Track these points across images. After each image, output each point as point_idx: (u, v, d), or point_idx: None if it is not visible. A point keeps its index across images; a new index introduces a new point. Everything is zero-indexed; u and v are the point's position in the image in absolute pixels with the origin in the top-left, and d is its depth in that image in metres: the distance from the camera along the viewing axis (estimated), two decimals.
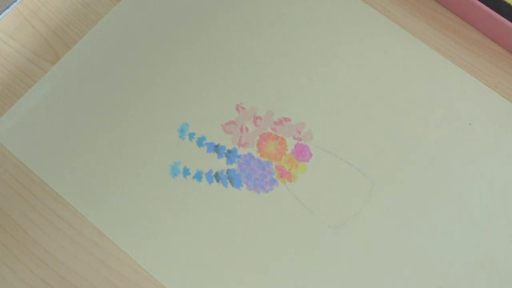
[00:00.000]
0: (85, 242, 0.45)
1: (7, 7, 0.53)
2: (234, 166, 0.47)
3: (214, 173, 0.47)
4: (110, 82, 0.50)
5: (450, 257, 0.44)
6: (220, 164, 0.47)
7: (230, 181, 0.47)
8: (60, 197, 0.46)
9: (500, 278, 0.43)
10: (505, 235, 0.44)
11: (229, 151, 0.47)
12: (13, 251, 0.45)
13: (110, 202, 0.46)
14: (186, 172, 0.47)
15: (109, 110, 0.49)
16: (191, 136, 0.48)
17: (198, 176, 0.47)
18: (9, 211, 0.46)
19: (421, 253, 0.44)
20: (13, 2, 0.53)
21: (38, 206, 0.46)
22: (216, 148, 0.48)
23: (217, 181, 0.47)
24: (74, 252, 0.44)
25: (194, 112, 0.49)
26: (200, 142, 0.48)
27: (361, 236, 0.45)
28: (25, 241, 0.45)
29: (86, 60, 0.51)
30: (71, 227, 0.45)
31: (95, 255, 0.44)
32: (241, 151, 0.47)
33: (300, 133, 0.48)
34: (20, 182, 0.47)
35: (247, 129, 0.48)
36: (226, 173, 0.47)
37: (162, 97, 0.49)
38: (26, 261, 0.44)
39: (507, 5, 0.48)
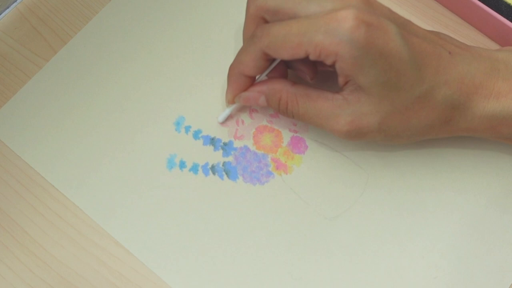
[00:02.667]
0: (85, 242, 0.44)
1: (7, 7, 0.51)
2: (230, 158, 0.46)
3: (210, 166, 0.46)
4: (106, 76, 0.49)
5: (446, 248, 0.43)
6: (216, 157, 0.46)
7: (226, 174, 0.45)
8: (61, 197, 0.45)
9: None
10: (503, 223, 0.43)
11: (225, 144, 0.46)
12: (13, 251, 0.44)
13: (106, 194, 0.45)
14: (182, 165, 0.46)
15: (105, 104, 0.48)
16: (187, 129, 0.47)
17: (194, 168, 0.46)
18: (9, 211, 0.45)
19: (417, 245, 0.43)
20: (13, 2, 0.52)
21: (38, 206, 0.45)
22: (212, 141, 0.46)
23: (213, 173, 0.45)
24: (74, 252, 0.43)
25: (190, 106, 0.47)
26: (196, 135, 0.47)
27: (356, 228, 0.44)
28: (25, 241, 0.44)
29: (82, 54, 0.49)
30: (71, 227, 0.44)
31: (95, 255, 0.43)
32: (237, 143, 0.46)
33: (296, 125, 0.47)
34: (20, 182, 0.46)
35: (243, 122, 0.47)
36: (222, 165, 0.46)
37: (158, 91, 0.48)
38: (26, 261, 0.43)
39: (507, 5, 0.46)
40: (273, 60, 0.42)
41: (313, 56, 0.37)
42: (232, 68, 0.43)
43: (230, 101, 0.44)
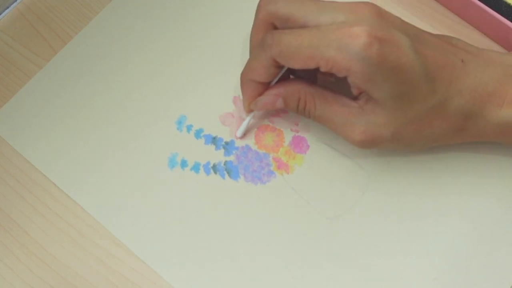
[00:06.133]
0: (85, 242, 0.43)
1: (7, 7, 0.51)
2: (231, 158, 0.45)
3: (211, 165, 0.45)
4: (106, 76, 0.48)
5: (446, 249, 0.42)
6: (217, 156, 0.45)
7: (227, 173, 0.44)
8: (61, 197, 0.44)
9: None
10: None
11: (226, 143, 0.45)
12: (13, 251, 0.43)
13: (107, 193, 0.44)
14: (183, 164, 0.45)
15: (106, 103, 0.47)
16: (189, 128, 0.46)
17: (195, 168, 0.44)
18: (9, 211, 0.44)
19: (417, 245, 0.42)
20: (13, 2, 0.51)
21: (38, 206, 0.44)
22: (213, 140, 0.45)
23: (215, 172, 0.44)
24: (74, 252, 0.42)
25: (192, 105, 0.46)
26: (198, 134, 0.46)
27: (357, 228, 0.43)
28: (25, 241, 0.43)
29: (82, 54, 0.48)
30: (71, 227, 0.43)
31: (95, 255, 0.42)
32: (238, 143, 0.45)
33: (297, 125, 0.46)
34: (20, 182, 0.45)
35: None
36: (224, 164, 0.45)
37: (159, 90, 0.47)
38: (26, 261, 0.42)
39: (507, 5, 0.45)
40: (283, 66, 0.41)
41: (324, 69, 0.37)
42: (243, 75, 0.42)
43: (247, 108, 0.43)
